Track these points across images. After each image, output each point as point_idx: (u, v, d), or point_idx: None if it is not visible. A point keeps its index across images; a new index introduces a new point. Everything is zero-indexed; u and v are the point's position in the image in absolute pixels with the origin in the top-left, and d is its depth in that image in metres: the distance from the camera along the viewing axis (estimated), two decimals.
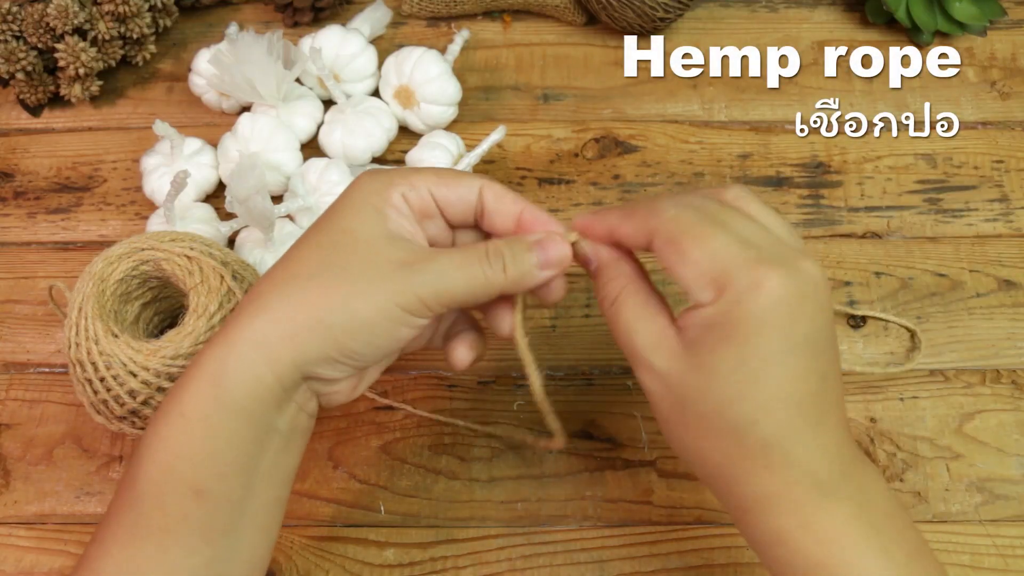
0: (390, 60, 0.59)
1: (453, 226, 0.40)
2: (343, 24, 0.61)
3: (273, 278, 0.37)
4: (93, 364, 0.44)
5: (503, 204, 0.39)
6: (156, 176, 0.56)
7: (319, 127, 0.59)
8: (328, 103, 0.60)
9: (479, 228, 0.40)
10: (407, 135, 0.60)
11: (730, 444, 0.34)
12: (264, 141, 0.55)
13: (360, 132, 0.57)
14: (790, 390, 0.34)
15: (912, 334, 0.52)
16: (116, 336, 0.44)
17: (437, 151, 0.55)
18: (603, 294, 0.38)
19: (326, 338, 0.35)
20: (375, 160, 0.58)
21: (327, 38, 0.58)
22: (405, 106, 0.58)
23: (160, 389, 0.44)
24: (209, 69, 0.59)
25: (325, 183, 0.54)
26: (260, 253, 0.53)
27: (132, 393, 0.44)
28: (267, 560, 0.38)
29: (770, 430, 0.34)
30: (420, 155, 0.56)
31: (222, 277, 0.46)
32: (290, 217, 0.55)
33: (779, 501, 0.34)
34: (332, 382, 0.37)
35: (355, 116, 0.57)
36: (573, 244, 0.39)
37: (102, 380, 0.44)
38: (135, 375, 0.44)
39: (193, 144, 0.57)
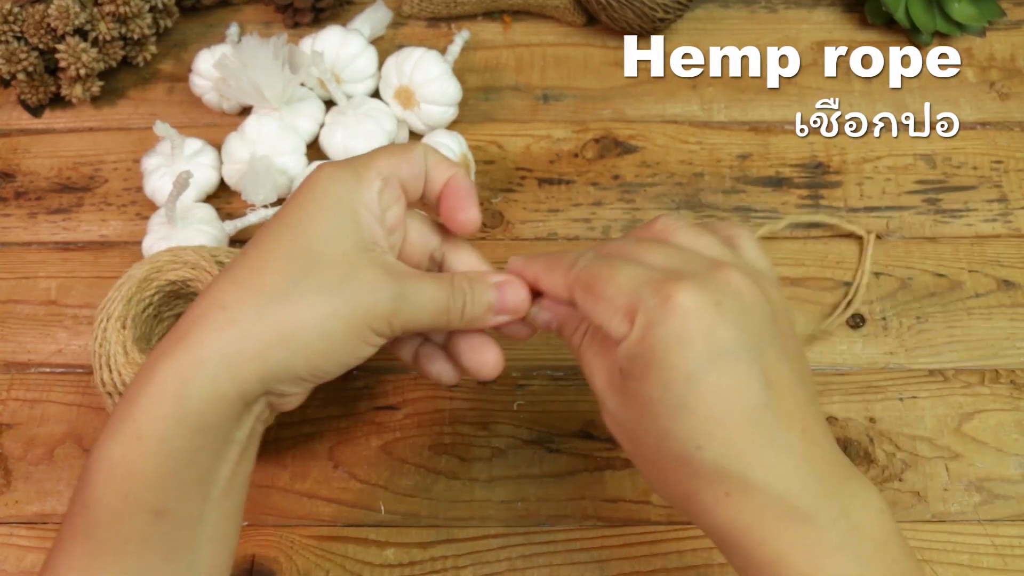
0: (390, 60, 0.59)
1: (409, 204, 0.39)
2: (343, 25, 0.61)
3: (241, 286, 0.35)
4: (124, 383, 0.44)
5: (438, 170, 0.39)
6: (157, 176, 0.56)
7: (320, 128, 0.59)
8: (328, 104, 0.60)
9: (421, 202, 0.40)
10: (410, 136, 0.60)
11: (685, 475, 0.32)
12: (271, 144, 0.56)
13: (361, 134, 0.57)
14: (727, 405, 0.31)
15: (862, 238, 0.51)
16: (143, 352, 0.44)
17: (441, 151, 0.55)
18: (570, 346, 0.38)
19: (296, 356, 0.34)
20: None
21: (328, 39, 0.58)
22: (405, 106, 0.59)
23: None
24: (210, 70, 0.59)
25: None
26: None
27: None
28: (230, 564, 0.37)
29: (718, 453, 0.31)
30: None
31: None
32: None
33: (752, 532, 0.31)
34: (291, 395, 0.36)
35: (356, 118, 0.58)
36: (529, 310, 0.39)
37: None
38: None
39: (194, 144, 0.57)
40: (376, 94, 0.61)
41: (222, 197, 0.58)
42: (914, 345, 0.52)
